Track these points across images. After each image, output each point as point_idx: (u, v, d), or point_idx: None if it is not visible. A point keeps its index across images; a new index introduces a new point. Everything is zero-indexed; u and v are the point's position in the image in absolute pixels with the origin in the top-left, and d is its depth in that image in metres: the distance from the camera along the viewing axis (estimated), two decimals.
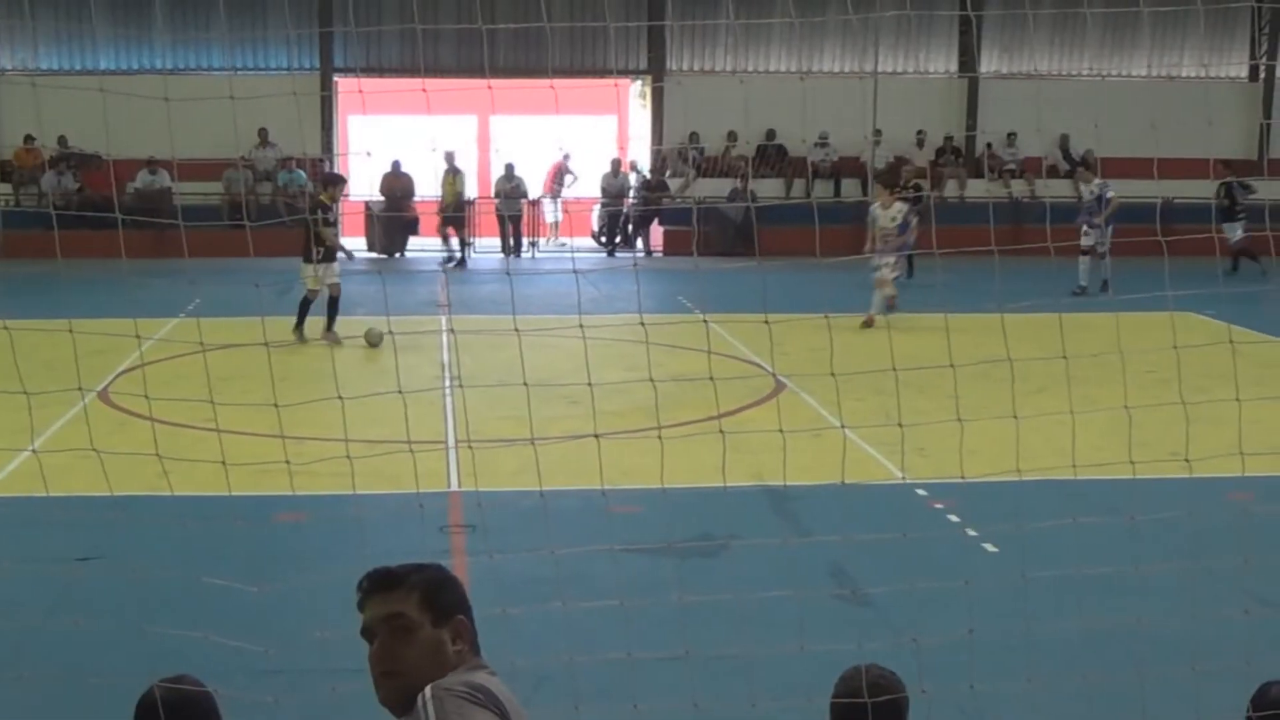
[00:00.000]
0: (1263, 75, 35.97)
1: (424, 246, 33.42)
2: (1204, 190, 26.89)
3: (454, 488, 13.61)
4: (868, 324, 22.66)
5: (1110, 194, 26.76)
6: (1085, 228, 26.82)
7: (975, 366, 9.99)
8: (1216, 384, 9.26)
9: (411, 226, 33.67)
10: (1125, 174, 29.29)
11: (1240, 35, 36.31)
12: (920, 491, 13.52)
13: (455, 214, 32.43)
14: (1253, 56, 36.01)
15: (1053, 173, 34.17)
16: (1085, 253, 26.74)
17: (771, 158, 34.34)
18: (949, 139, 35.11)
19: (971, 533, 12.25)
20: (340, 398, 8.22)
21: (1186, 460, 8.48)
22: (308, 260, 21.04)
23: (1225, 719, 5.02)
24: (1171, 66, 36.14)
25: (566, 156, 35.18)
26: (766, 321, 9.37)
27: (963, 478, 10.10)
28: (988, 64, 35.74)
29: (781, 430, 9.14)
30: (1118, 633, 9.29)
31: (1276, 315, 22.30)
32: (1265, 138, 34.68)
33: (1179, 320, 21.90)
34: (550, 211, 35.31)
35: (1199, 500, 11.92)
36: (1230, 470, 8.91)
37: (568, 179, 35.24)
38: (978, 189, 34.05)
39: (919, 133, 34.76)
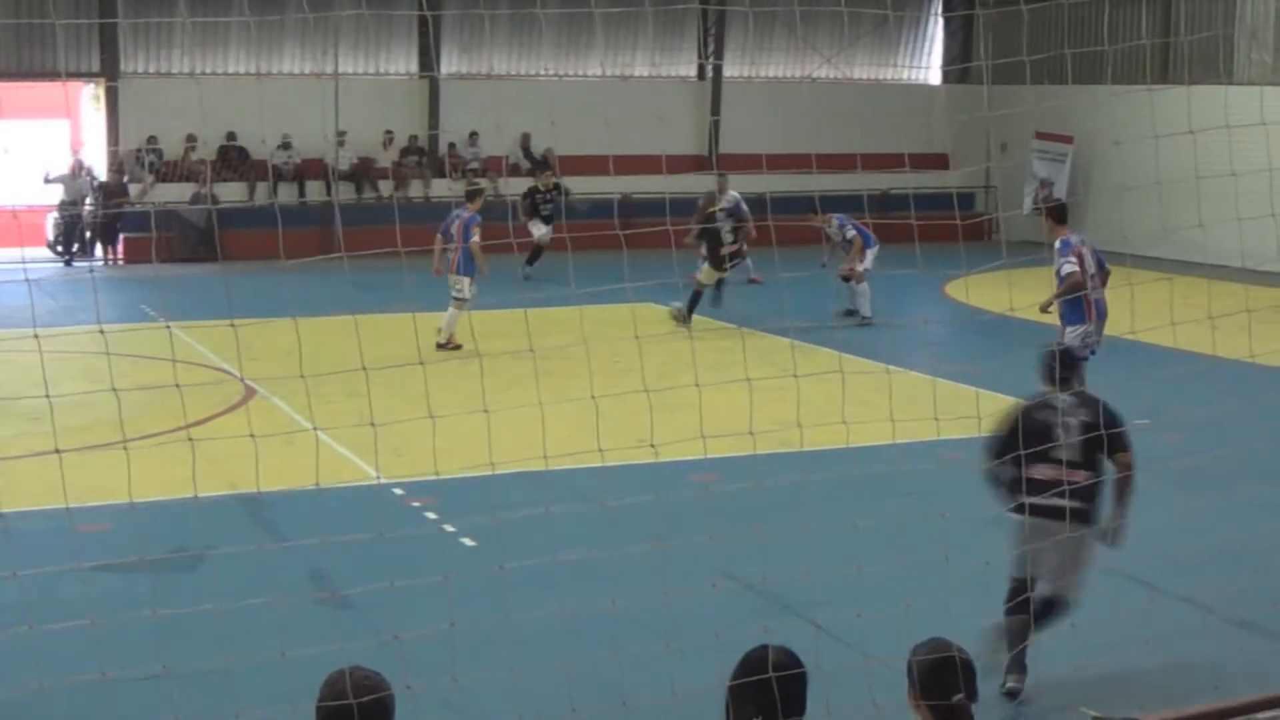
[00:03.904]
0: (710, 75, 37.51)
1: None
2: (660, 186, 27.90)
3: None
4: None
5: (744, 207, 24.01)
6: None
7: (448, 365, 10.08)
8: (678, 371, 9.62)
9: None
10: (584, 170, 30.11)
11: (689, 36, 37.78)
12: (397, 490, 13.56)
13: None
14: (700, 57, 37.50)
15: (514, 171, 34.77)
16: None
17: (233, 160, 33.74)
18: (413, 139, 35.26)
19: (449, 528, 12.37)
20: None
21: (652, 445, 8.79)
22: None
23: (701, 691, 5.22)
24: (625, 66, 37.29)
25: (77, 153, 33.48)
26: (233, 325, 9.21)
27: (438, 475, 10.17)
28: (448, 65, 36.04)
29: (253, 436, 9.00)
30: (596, 617, 9.54)
31: (731, 303, 23.35)
32: (715, 135, 36.19)
33: (640, 311, 22.67)
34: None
35: (666, 483, 12.36)
36: (693, 453, 9.27)
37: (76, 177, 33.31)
38: (441, 188, 34.30)
39: (386, 133, 34.78)
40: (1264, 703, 5.35)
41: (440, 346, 20.56)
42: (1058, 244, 15.80)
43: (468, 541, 12.03)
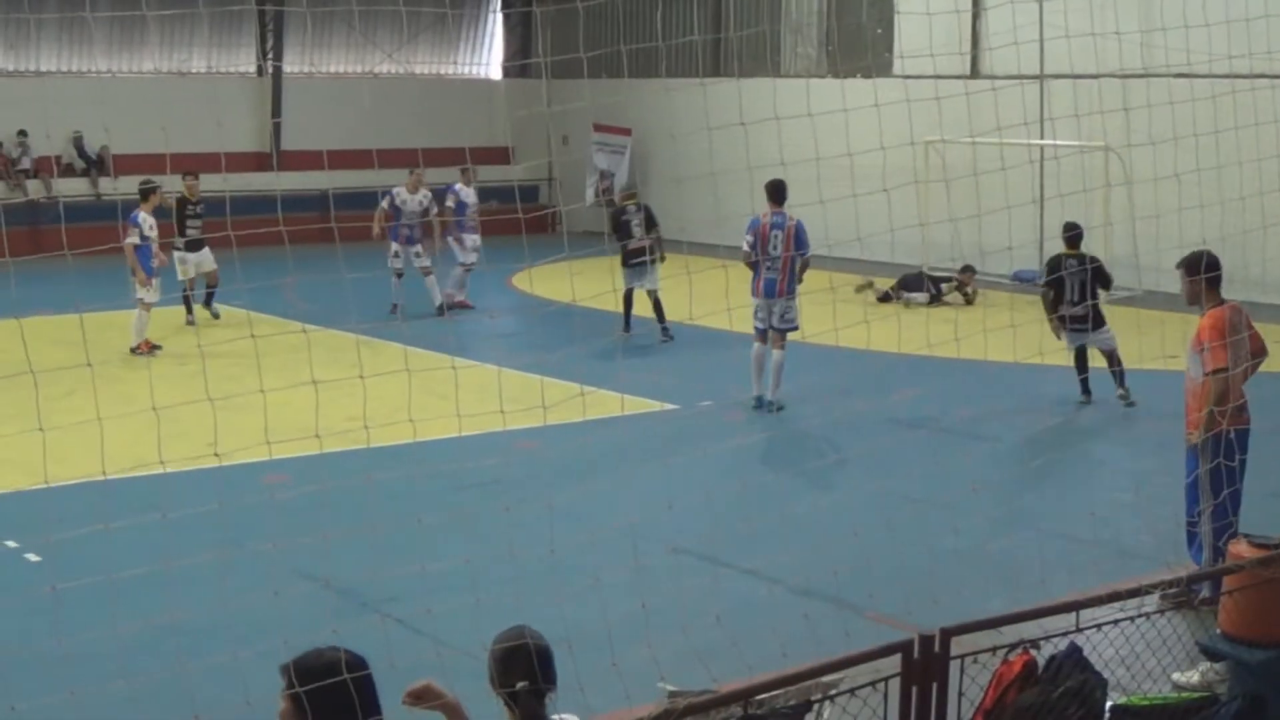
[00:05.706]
0: (270, 72, 36.91)
1: None
2: (221, 185, 27.35)
3: None
4: None
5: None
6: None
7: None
8: (245, 373, 9.48)
9: None
10: (139, 169, 29.32)
11: (247, 32, 37.12)
12: None
13: None
14: (260, 56, 36.88)
15: (69, 171, 33.58)
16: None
17: None
18: None
19: (11, 544, 11.91)
20: None
21: (216, 454, 8.64)
22: None
23: (270, 696, 5.19)
24: (181, 63, 36.41)
25: None
26: None
27: None
28: None
29: None
30: (167, 629, 9.32)
31: (294, 303, 23.04)
32: (277, 133, 35.69)
33: (200, 315, 22.17)
34: None
35: (235, 488, 12.16)
36: (262, 455, 9.14)
37: None
38: None
39: None
40: (828, 666, 5.62)
41: (134, 351, 20.37)
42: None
43: (32, 557, 11.60)
